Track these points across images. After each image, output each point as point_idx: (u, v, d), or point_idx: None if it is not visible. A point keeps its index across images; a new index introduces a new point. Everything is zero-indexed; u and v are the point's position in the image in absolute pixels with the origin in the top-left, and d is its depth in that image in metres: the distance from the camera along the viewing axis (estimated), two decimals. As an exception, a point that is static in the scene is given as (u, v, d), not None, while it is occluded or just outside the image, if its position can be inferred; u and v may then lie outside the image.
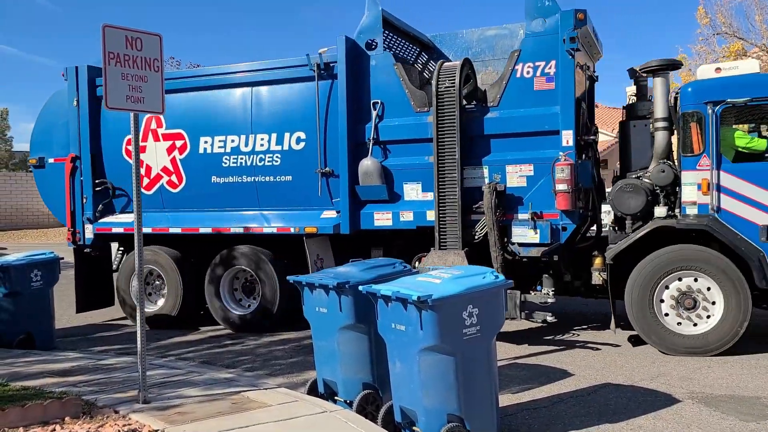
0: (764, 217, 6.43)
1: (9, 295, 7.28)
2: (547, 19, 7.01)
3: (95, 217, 9.01)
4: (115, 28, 4.80)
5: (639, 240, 6.76)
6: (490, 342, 4.34)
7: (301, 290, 5.20)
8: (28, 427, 4.34)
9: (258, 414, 4.64)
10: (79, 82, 8.94)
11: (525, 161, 7.13)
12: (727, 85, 6.67)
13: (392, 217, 7.70)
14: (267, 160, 8.14)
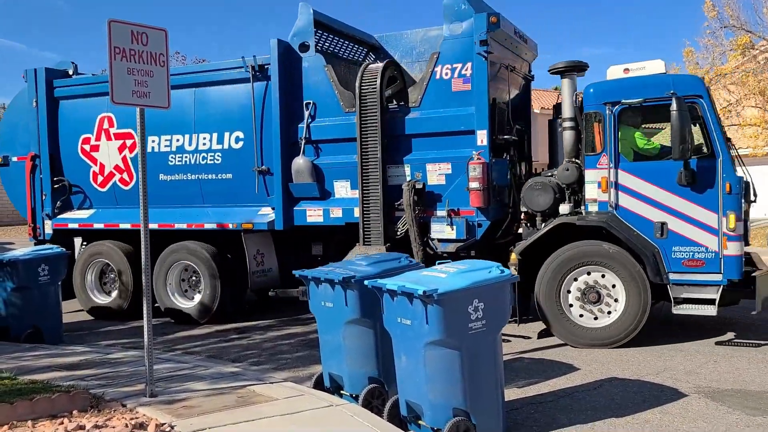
0: (658, 213, 6.63)
1: (17, 289, 7.31)
2: (463, 22, 7.20)
3: (54, 213, 9.38)
4: (121, 23, 4.80)
5: (545, 236, 6.97)
6: (495, 336, 4.34)
7: (306, 284, 5.21)
8: (37, 420, 4.37)
9: (264, 408, 4.66)
10: (38, 83, 9.28)
11: (443, 160, 7.37)
12: (624, 86, 6.87)
13: (323, 214, 7.99)
14: (209, 159, 8.46)
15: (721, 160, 6.47)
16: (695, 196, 6.53)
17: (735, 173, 6.54)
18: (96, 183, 9.22)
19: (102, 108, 9.03)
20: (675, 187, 6.56)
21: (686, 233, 6.57)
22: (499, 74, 7.69)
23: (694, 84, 6.77)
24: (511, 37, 7.83)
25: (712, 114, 6.59)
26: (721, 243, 6.43)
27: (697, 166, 6.51)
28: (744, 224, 6.66)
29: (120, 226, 8.99)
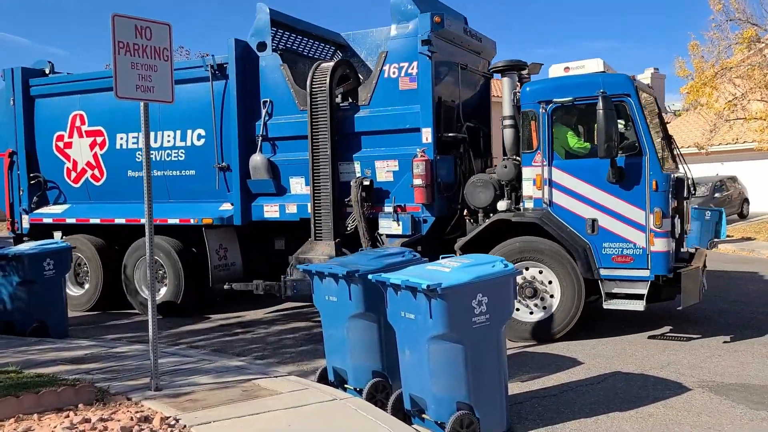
0: (589, 210, 6.72)
1: (22, 283, 7.34)
2: (409, 22, 7.32)
3: (31, 208, 9.69)
4: (125, 17, 4.80)
5: (485, 232, 7.08)
6: (499, 330, 4.34)
7: (311, 279, 5.22)
8: (43, 413, 4.40)
9: (269, 401, 4.68)
10: (15, 82, 9.54)
11: (391, 157, 7.48)
12: (557, 85, 6.97)
13: (279, 210, 8.12)
14: (173, 156, 8.66)
15: (648, 158, 6.53)
16: (623, 193, 6.59)
17: (662, 171, 6.56)
18: (70, 179, 9.49)
19: (74, 106, 9.30)
20: (605, 185, 6.63)
21: (615, 230, 6.65)
22: (448, 73, 7.75)
23: (623, 83, 6.75)
24: (461, 35, 7.92)
25: (639, 113, 6.63)
26: (648, 239, 6.51)
27: (625, 164, 6.59)
28: (673, 220, 6.70)
29: (90, 221, 9.25)
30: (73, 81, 9.45)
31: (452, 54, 7.79)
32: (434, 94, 7.27)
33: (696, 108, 18.85)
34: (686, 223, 7.48)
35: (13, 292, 7.41)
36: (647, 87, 7.63)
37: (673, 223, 6.63)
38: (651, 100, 7.40)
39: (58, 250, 7.63)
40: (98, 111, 9.11)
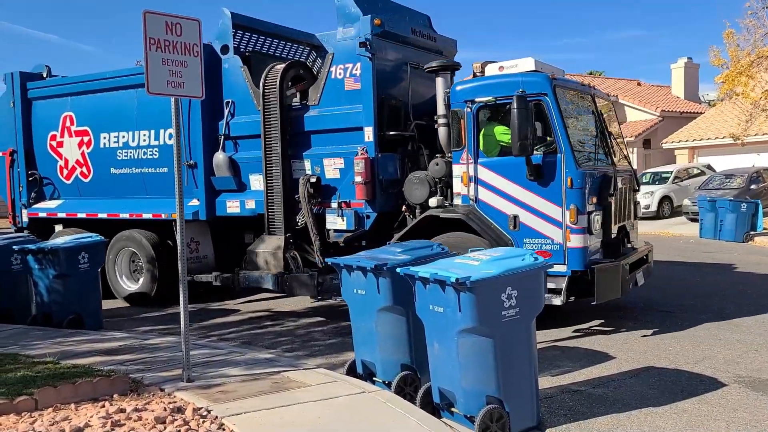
0: (511, 207, 6.90)
1: (58, 276, 7.51)
2: (353, 24, 7.56)
3: (29, 203, 10.28)
4: (156, 13, 4.85)
5: (418, 227, 7.27)
6: (529, 324, 4.30)
7: (339, 272, 5.24)
8: (79, 403, 4.50)
9: (298, 393, 4.72)
10: (14, 85, 10.14)
11: (338, 155, 7.71)
12: (482, 85, 7.15)
13: (240, 205, 8.48)
14: (149, 154, 9.08)
15: (564, 156, 6.62)
16: (541, 190, 6.73)
17: (577, 168, 6.61)
18: (62, 176, 10.03)
19: (66, 107, 9.83)
20: (525, 182, 6.77)
21: (535, 226, 6.79)
22: (397, 72, 7.96)
23: (540, 83, 6.82)
24: (408, 36, 8.12)
25: (556, 112, 6.70)
26: (565, 235, 6.62)
27: (543, 162, 6.71)
28: (590, 217, 6.73)
29: (77, 216, 9.77)
30: (64, 84, 9.98)
31: (401, 54, 8.03)
32: (376, 94, 7.45)
33: (731, 98, 18.43)
34: (626, 218, 7.56)
35: (50, 285, 7.58)
36: (584, 87, 7.68)
37: (589, 220, 6.68)
38: (585, 98, 7.51)
39: (92, 243, 7.78)
40: (85, 112, 9.66)
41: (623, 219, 7.49)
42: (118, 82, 9.24)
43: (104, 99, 9.41)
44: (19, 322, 7.78)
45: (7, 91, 10.29)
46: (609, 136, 7.55)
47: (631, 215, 7.79)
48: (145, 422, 4.05)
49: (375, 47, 7.42)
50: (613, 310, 8.03)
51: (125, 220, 9.34)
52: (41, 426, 3.99)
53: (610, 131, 7.67)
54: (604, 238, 6.97)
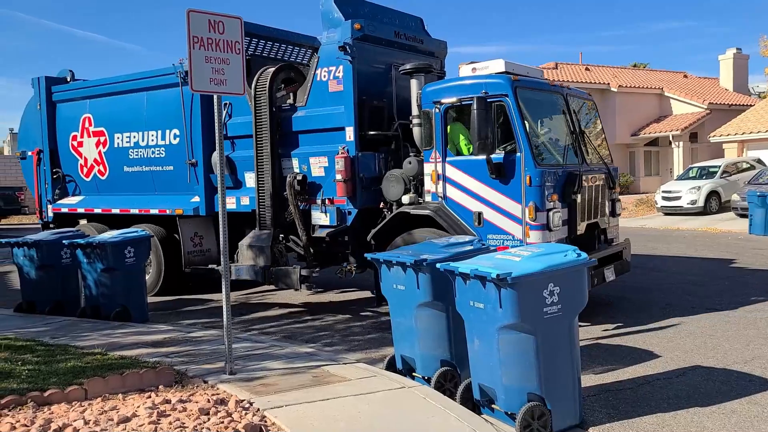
0: (476, 204, 7.09)
1: (106, 270, 7.73)
2: (336, 29, 7.86)
3: (54, 199, 10.86)
4: (199, 12, 4.93)
5: (393, 223, 7.58)
6: (572, 321, 4.24)
7: (378, 267, 5.25)
8: (127, 393, 4.62)
9: (338, 387, 4.75)
10: (41, 89, 10.76)
11: (322, 154, 7.97)
12: (449, 87, 7.39)
13: (236, 202, 8.78)
14: (156, 153, 9.51)
15: (523, 155, 6.78)
16: (503, 188, 6.92)
17: (536, 167, 6.75)
18: (83, 173, 10.57)
19: (85, 109, 10.36)
20: (488, 180, 6.96)
21: (497, 222, 6.98)
22: (380, 74, 8.18)
23: (501, 85, 6.99)
24: (392, 39, 8.36)
25: (516, 113, 6.86)
26: (525, 231, 6.79)
27: (504, 161, 6.88)
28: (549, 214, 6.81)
29: (94, 211, 10.32)
30: (84, 87, 10.53)
31: (385, 56, 8.26)
32: (357, 95, 7.72)
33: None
34: (598, 215, 7.67)
35: (97, 279, 7.80)
36: (555, 87, 7.82)
37: (548, 217, 6.80)
38: (558, 98, 7.68)
39: (138, 238, 7.97)
40: (101, 113, 10.17)
41: (594, 216, 7.62)
42: (129, 85, 9.76)
43: (118, 101, 9.95)
44: (70, 314, 8.03)
45: (35, 95, 10.92)
46: (582, 135, 7.69)
47: (606, 213, 7.87)
48: (189, 413, 4.13)
49: (356, 51, 7.71)
50: (658, 308, 7.85)
51: (135, 215, 9.82)
52: (91, 415, 4.12)
53: (583, 130, 7.83)
54: (570, 235, 7.10)
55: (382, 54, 8.21)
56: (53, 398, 4.44)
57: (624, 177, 29.90)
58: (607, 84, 29.75)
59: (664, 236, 16.13)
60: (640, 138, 30.05)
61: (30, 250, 8.23)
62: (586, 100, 8.40)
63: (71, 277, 8.35)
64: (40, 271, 8.24)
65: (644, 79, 32.07)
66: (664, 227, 18.34)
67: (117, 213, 10.04)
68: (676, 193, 21.03)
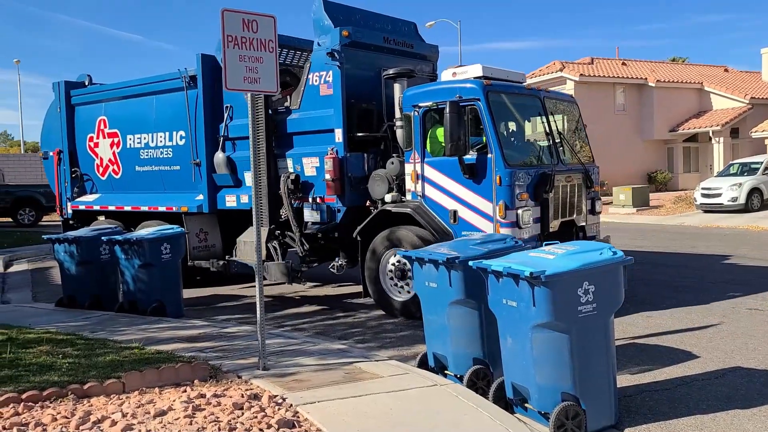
0: (452, 202, 7.41)
1: (143, 266, 7.88)
2: (326, 35, 8.20)
3: (73, 197, 11.39)
4: (233, 11, 4.98)
5: (372, 221, 7.87)
6: (607, 320, 4.17)
7: (410, 265, 5.24)
8: (163, 387, 4.71)
9: (370, 384, 4.76)
10: (60, 93, 11.30)
11: (314, 154, 8.32)
12: (426, 92, 7.73)
13: (236, 200, 9.19)
14: (165, 153, 9.95)
15: (494, 157, 7.08)
16: (476, 187, 7.22)
17: (506, 167, 7.04)
18: (99, 173, 11.07)
19: (100, 112, 10.86)
20: (462, 180, 7.29)
21: (471, 220, 7.27)
22: (370, 78, 8.41)
23: (473, 90, 7.30)
24: (381, 45, 8.68)
25: (487, 116, 7.16)
26: (495, 228, 7.07)
27: (476, 161, 7.20)
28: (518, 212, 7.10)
29: (108, 208, 10.79)
30: (99, 91, 11.00)
31: (375, 61, 8.54)
32: (345, 99, 8.05)
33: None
34: (574, 213, 7.90)
35: (134, 274, 7.96)
36: (531, 90, 8.18)
37: (517, 215, 7.09)
38: (528, 101, 7.97)
39: (174, 235, 8.11)
40: (115, 116, 10.65)
41: (570, 215, 7.86)
42: (140, 89, 10.24)
43: (130, 104, 10.41)
44: (108, 309, 8.22)
45: (55, 98, 11.49)
46: (558, 136, 7.96)
47: (582, 211, 8.09)
48: (223, 408, 4.19)
49: (344, 57, 8.05)
50: (697, 307, 7.68)
51: (145, 212, 10.27)
52: (128, 408, 4.21)
53: (560, 131, 8.09)
54: (543, 231, 7.36)
55: (372, 59, 8.53)
56: (92, 391, 4.55)
57: (662, 174, 29.34)
58: (645, 79, 29.17)
59: (703, 234, 15.76)
60: (678, 134, 29.41)
61: (70, 246, 8.44)
62: (568, 102, 8.76)
63: (109, 272, 8.55)
64: (80, 266, 8.45)
65: (683, 74, 31.35)
66: (703, 225, 17.91)
67: (129, 210, 10.51)
68: (716, 190, 20.53)
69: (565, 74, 27.96)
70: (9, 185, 23.19)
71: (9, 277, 12.45)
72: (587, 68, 28.86)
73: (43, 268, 13.29)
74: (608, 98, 28.79)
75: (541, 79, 29.22)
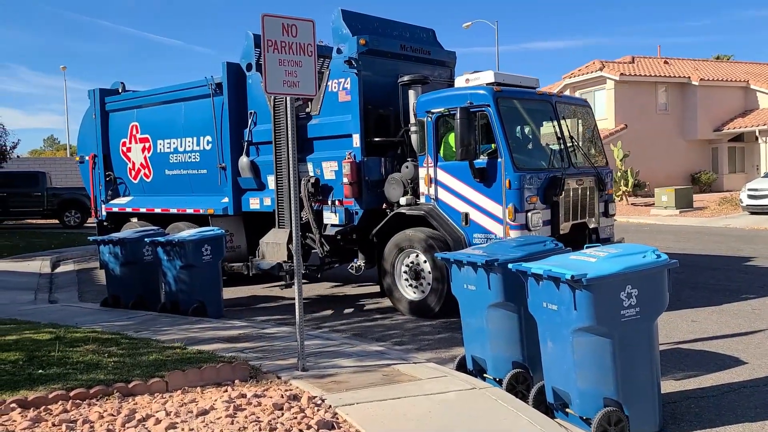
0: (463, 205, 7.61)
1: (184, 267, 8.03)
2: (345, 44, 8.42)
3: (107, 199, 11.92)
4: (273, 16, 5.04)
5: (387, 223, 8.11)
6: (651, 324, 4.09)
7: (448, 267, 5.22)
8: (205, 386, 4.79)
9: (409, 387, 4.76)
10: (96, 101, 11.78)
11: (333, 159, 8.58)
12: (439, 98, 7.92)
13: (259, 202, 9.54)
14: (192, 158, 10.33)
15: (503, 161, 7.25)
16: (486, 190, 7.40)
17: (515, 171, 7.20)
18: (131, 176, 11.53)
19: (132, 118, 11.31)
20: (474, 183, 7.47)
21: (482, 222, 7.46)
22: (387, 84, 8.59)
23: (484, 96, 7.46)
24: (398, 52, 8.89)
25: (497, 121, 7.31)
26: (505, 231, 7.22)
27: (487, 165, 7.38)
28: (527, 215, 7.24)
29: (140, 210, 11.21)
30: (131, 98, 11.43)
31: (392, 67, 8.76)
32: (363, 105, 8.29)
33: None
34: (586, 216, 8.02)
35: (176, 275, 8.12)
36: (543, 96, 8.27)
37: (527, 218, 7.24)
38: (539, 106, 8.12)
39: (214, 236, 8.26)
40: (146, 122, 11.07)
41: (581, 217, 7.97)
42: (169, 96, 10.62)
43: (160, 111, 10.80)
44: (150, 309, 8.40)
45: (91, 105, 11.97)
46: (570, 140, 8.09)
47: (595, 214, 8.19)
48: (264, 408, 4.24)
49: (362, 64, 8.30)
50: (744, 311, 7.45)
51: (174, 214, 10.63)
52: (172, 407, 4.29)
53: (572, 135, 8.22)
54: (554, 234, 7.41)
55: (389, 65, 8.74)
56: (137, 389, 4.66)
57: (705, 174, 28.60)
58: (688, 77, 28.49)
59: (750, 236, 15.30)
60: (723, 133, 28.63)
61: (115, 248, 8.67)
62: (581, 106, 8.90)
63: (152, 273, 8.73)
64: (124, 267, 8.67)
65: (728, 72, 30.51)
66: (749, 227, 17.39)
67: (159, 212, 10.88)
68: (763, 191, 19.90)
69: (605, 73, 27.49)
70: (55, 188, 23.92)
71: (57, 278, 12.84)
72: (628, 67, 28.33)
73: (88, 268, 13.66)
74: (650, 97, 28.21)
75: (580, 78, 28.80)
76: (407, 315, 7.89)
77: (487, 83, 7.76)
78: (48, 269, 13.73)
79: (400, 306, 8.04)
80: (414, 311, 7.85)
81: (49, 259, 14.74)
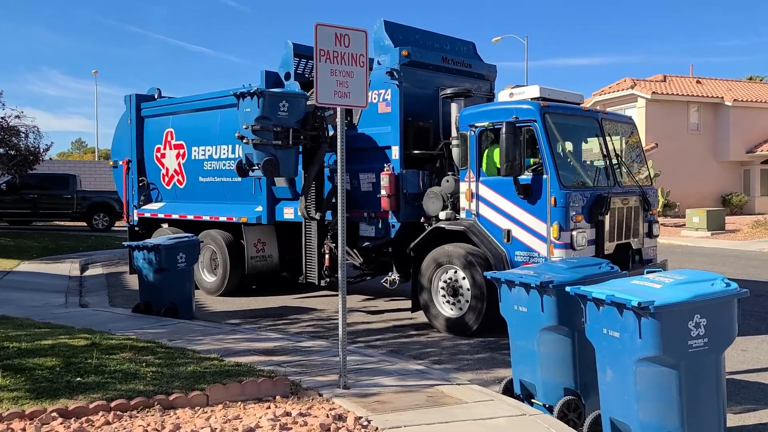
0: (506, 222, 7.43)
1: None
2: (386, 55, 8.42)
3: (139, 204, 11.94)
4: (326, 26, 4.96)
5: (426, 238, 7.98)
6: (718, 356, 3.90)
7: (498, 287, 5.06)
8: (246, 402, 4.67)
9: (456, 410, 4.59)
10: (131, 106, 11.88)
11: (370, 170, 8.61)
12: (483, 112, 7.78)
13: (293, 212, 9.51)
14: (227, 165, 10.28)
15: (549, 177, 7.07)
16: (530, 207, 7.23)
17: (561, 188, 7.02)
18: (164, 182, 11.58)
19: (168, 124, 11.37)
20: (517, 200, 7.30)
21: (524, 240, 7.28)
22: (427, 96, 8.56)
23: (530, 111, 7.29)
24: (439, 64, 8.85)
25: (544, 137, 7.15)
26: (549, 249, 7.05)
27: (532, 181, 7.20)
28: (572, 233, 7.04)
29: (172, 217, 11.22)
30: (167, 105, 11.50)
31: (433, 80, 8.72)
32: (403, 117, 8.24)
33: None
34: (630, 236, 7.78)
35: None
36: (589, 112, 8.11)
37: (572, 236, 7.03)
38: (585, 123, 7.93)
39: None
40: (181, 128, 11.14)
41: (626, 237, 7.73)
42: (205, 103, 10.64)
43: (196, 118, 10.85)
44: (183, 317, 8.35)
45: (126, 110, 12.03)
46: (615, 157, 7.86)
47: (639, 234, 7.94)
48: (310, 427, 4.10)
49: (403, 76, 8.26)
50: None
51: (206, 221, 10.69)
52: (216, 423, 4.17)
53: (618, 153, 7.98)
54: (598, 254, 7.21)
55: (430, 77, 8.70)
56: (177, 402, 4.55)
57: (737, 196, 28.06)
58: (721, 98, 28.04)
59: (788, 262, 14.88)
60: (756, 155, 28.10)
61: (149, 254, 8.62)
62: (626, 123, 8.63)
63: (185, 280, 8.70)
64: (158, 274, 8.62)
65: (762, 93, 29.99)
66: (786, 252, 16.95)
67: (191, 219, 10.91)
68: (799, 215, 19.41)
69: (636, 92, 27.16)
70: (85, 191, 24.13)
71: (86, 281, 12.86)
72: (660, 86, 27.97)
73: (117, 272, 13.69)
74: (681, 117, 27.80)
75: (610, 96, 28.49)
76: (443, 332, 7.73)
77: (533, 98, 7.62)
78: (77, 272, 13.79)
79: (436, 323, 7.86)
80: (451, 329, 7.68)
81: (78, 261, 14.82)
